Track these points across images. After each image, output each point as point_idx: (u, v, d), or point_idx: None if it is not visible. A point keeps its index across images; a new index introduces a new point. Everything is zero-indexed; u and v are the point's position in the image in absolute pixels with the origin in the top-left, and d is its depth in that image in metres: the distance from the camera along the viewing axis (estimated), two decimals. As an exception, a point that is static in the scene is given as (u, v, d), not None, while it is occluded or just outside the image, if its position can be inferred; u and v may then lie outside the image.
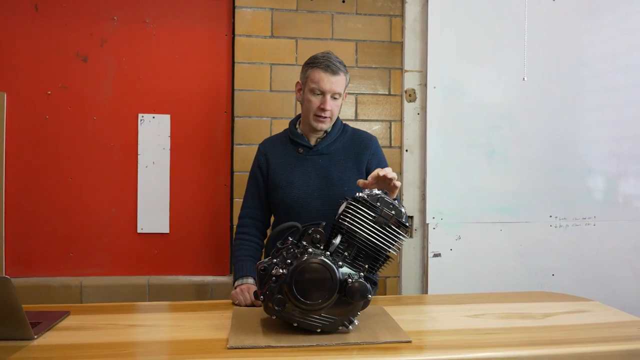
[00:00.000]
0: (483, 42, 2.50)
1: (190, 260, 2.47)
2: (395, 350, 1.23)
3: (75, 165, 2.40)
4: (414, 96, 2.52)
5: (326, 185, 1.79)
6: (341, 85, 1.77)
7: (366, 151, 1.84)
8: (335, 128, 1.85)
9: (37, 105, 2.37)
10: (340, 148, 1.84)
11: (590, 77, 2.59)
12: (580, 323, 1.46)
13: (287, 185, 1.80)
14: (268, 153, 1.87)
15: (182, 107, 2.46)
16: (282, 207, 1.81)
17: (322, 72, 1.75)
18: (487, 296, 1.77)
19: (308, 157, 1.82)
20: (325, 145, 1.83)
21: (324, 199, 1.77)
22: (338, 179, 1.79)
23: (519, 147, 2.53)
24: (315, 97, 1.76)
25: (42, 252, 2.39)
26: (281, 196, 1.81)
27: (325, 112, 1.75)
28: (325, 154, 1.82)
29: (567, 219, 2.56)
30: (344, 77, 1.78)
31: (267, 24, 2.45)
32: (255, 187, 1.88)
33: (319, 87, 1.75)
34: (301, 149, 1.83)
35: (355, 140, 1.86)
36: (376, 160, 1.85)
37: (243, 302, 1.60)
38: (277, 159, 1.85)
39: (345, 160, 1.82)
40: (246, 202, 1.90)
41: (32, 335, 1.24)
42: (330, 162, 1.81)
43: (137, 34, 2.43)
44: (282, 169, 1.83)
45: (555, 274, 2.55)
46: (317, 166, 1.81)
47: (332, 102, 1.76)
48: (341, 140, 1.85)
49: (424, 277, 2.51)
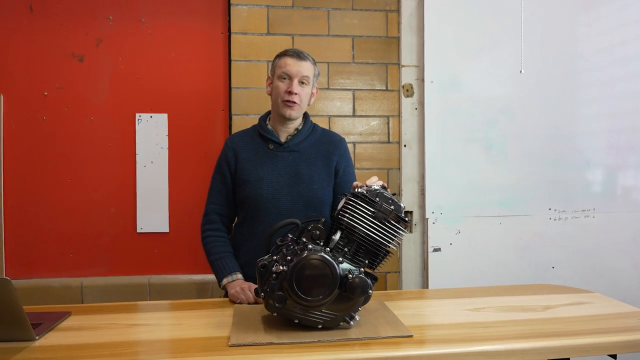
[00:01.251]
0: (480, 35, 2.50)
1: (191, 259, 2.47)
2: (396, 344, 1.23)
3: (74, 165, 2.40)
4: (412, 91, 2.52)
5: (295, 182, 1.78)
6: (309, 71, 1.78)
7: (336, 151, 1.85)
8: (306, 126, 1.86)
9: (34, 107, 2.37)
10: (311, 146, 1.84)
11: (587, 70, 2.59)
12: (581, 315, 1.46)
13: (256, 180, 1.78)
14: (237, 148, 1.85)
15: (180, 105, 2.45)
16: (250, 203, 1.79)
17: (289, 58, 1.77)
18: (487, 290, 1.77)
19: (278, 153, 1.81)
20: (295, 142, 1.82)
21: (293, 195, 1.77)
22: (307, 177, 1.78)
23: (517, 140, 2.53)
24: (283, 82, 1.77)
25: (43, 253, 2.39)
26: (249, 192, 1.78)
27: (293, 95, 1.75)
28: (296, 151, 1.82)
29: (566, 212, 2.56)
30: (311, 66, 1.79)
31: (263, 21, 2.44)
32: (222, 183, 1.85)
33: (287, 71, 1.76)
34: (271, 145, 1.82)
35: (325, 139, 1.87)
36: (344, 161, 1.87)
37: (246, 300, 1.59)
38: (246, 154, 1.83)
39: (315, 159, 1.82)
40: (212, 197, 1.86)
41: (33, 336, 1.24)
42: (300, 159, 1.81)
43: (132, 33, 2.42)
44: (251, 165, 1.81)
45: (555, 267, 2.55)
46: (287, 163, 1.80)
47: (300, 87, 1.76)
48: (311, 139, 1.85)
49: (424, 272, 2.51)
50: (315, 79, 1.85)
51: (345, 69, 2.50)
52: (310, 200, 1.78)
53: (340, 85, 2.50)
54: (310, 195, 1.78)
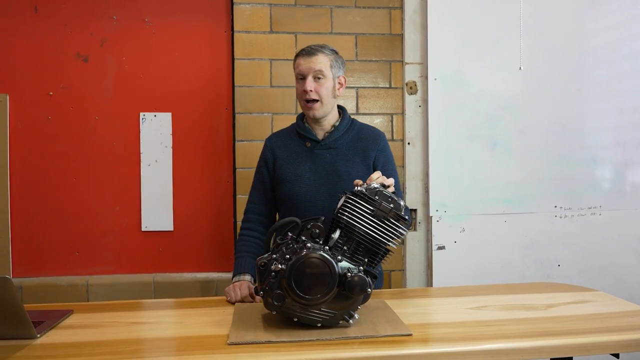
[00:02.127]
0: (484, 32, 2.48)
1: (195, 257, 2.48)
2: (396, 343, 1.23)
3: (79, 165, 2.42)
4: (415, 89, 2.51)
5: (334, 179, 1.77)
6: (321, 64, 1.75)
7: (374, 146, 1.83)
8: (343, 122, 1.84)
9: (39, 106, 2.39)
10: (348, 142, 1.82)
11: (594, 66, 2.56)
12: (583, 313, 1.45)
13: (294, 179, 1.79)
14: (275, 147, 1.86)
15: (183, 104, 2.46)
16: (288, 201, 1.79)
17: (300, 58, 1.78)
18: (489, 288, 1.76)
19: (316, 151, 1.81)
20: (332, 140, 1.81)
21: (332, 193, 1.75)
22: (345, 174, 1.77)
23: (522, 137, 2.51)
24: (299, 83, 1.77)
25: (49, 252, 2.41)
26: (288, 190, 1.79)
27: (308, 93, 1.74)
28: (333, 148, 1.80)
29: (572, 209, 2.54)
30: (324, 57, 1.76)
31: (265, 20, 2.44)
32: (261, 183, 1.87)
33: (299, 71, 1.76)
34: (309, 143, 1.82)
35: (363, 134, 1.84)
36: (383, 156, 1.84)
37: (233, 298, 1.60)
38: (285, 152, 1.83)
39: (353, 155, 1.80)
40: (251, 197, 1.89)
41: (34, 334, 1.25)
42: (337, 156, 1.80)
43: (136, 32, 2.43)
44: (289, 163, 1.81)
45: (561, 265, 2.53)
46: (325, 161, 1.79)
47: (315, 83, 1.74)
48: (349, 135, 1.83)
49: (428, 270, 2.51)
50: (338, 69, 1.80)
51: (348, 66, 2.49)
52: None
53: (344, 83, 2.49)
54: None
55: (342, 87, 1.83)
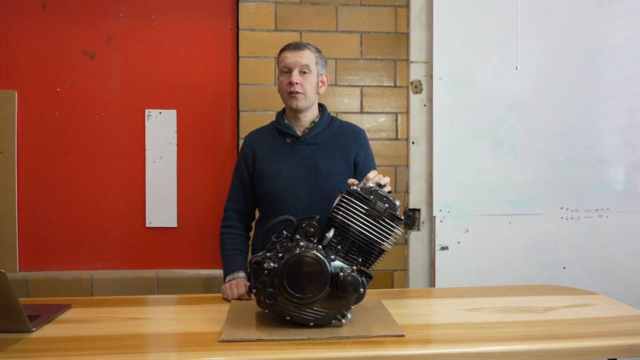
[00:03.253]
0: (490, 31, 2.45)
1: (198, 254, 2.50)
2: (387, 344, 1.22)
3: (85, 161, 2.44)
4: (420, 88, 2.49)
5: (314, 175, 1.77)
6: (307, 59, 1.76)
7: (354, 143, 1.83)
8: (323, 119, 1.84)
9: (47, 103, 2.42)
10: (328, 138, 1.82)
11: (602, 67, 2.51)
12: (581, 317, 1.43)
13: (274, 175, 1.78)
14: (254, 144, 1.86)
15: (188, 102, 2.47)
16: (268, 198, 1.79)
17: (286, 52, 1.79)
18: (488, 290, 1.75)
19: (295, 147, 1.80)
20: (312, 135, 1.81)
21: (312, 189, 1.76)
22: (326, 170, 1.77)
23: (528, 138, 2.48)
24: (284, 76, 1.78)
25: (54, 246, 2.44)
26: (268, 187, 1.79)
27: (293, 85, 1.74)
28: (313, 144, 1.80)
29: (578, 211, 2.50)
30: (311, 54, 1.78)
31: (271, 18, 2.44)
32: (239, 181, 1.87)
33: (285, 64, 1.77)
34: (288, 139, 1.81)
35: (343, 131, 1.85)
36: (363, 153, 1.84)
37: (230, 296, 1.62)
38: (264, 149, 1.83)
39: (334, 151, 1.80)
40: (231, 194, 1.89)
41: (30, 328, 1.26)
42: (317, 152, 1.80)
43: (142, 30, 2.45)
44: (269, 159, 1.81)
45: (566, 267, 2.50)
46: (304, 156, 1.79)
47: (301, 77, 1.75)
48: (329, 131, 1.83)
49: (431, 270, 2.49)
50: (322, 67, 1.82)
51: (353, 65, 2.49)
52: (330, 193, 1.75)
53: (348, 81, 2.49)
54: (329, 188, 1.75)
55: (324, 85, 1.85)
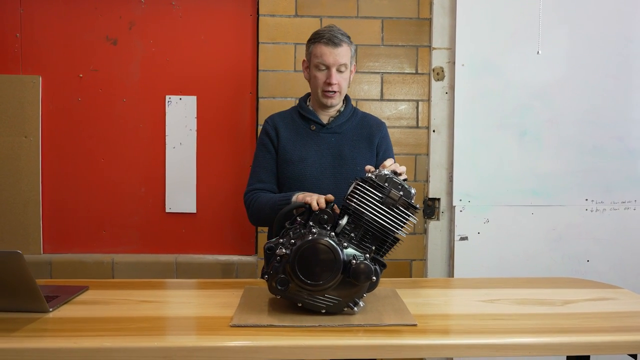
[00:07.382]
0: (515, 17, 2.38)
1: (217, 239, 2.52)
2: (399, 333, 1.21)
3: (107, 146, 2.48)
4: (442, 74, 2.45)
5: (339, 163, 1.77)
6: (345, 57, 1.73)
7: (378, 133, 1.84)
8: (348, 108, 1.84)
9: (70, 88, 2.45)
10: (353, 128, 1.82)
11: (633, 53, 2.42)
12: (602, 311, 1.39)
13: (299, 160, 1.77)
14: (278, 126, 1.82)
15: (208, 88, 2.48)
16: (293, 183, 1.76)
17: (324, 46, 1.72)
18: (506, 281, 1.71)
19: (321, 134, 1.80)
20: (338, 124, 1.81)
21: (337, 177, 1.75)
22: (350, 158, 1.77)
23: (553, 127, 2.41)
24: (320, 72, 1.74)
25: (77, 230, 2.49)
26: (292, 172, 1.77)
27: (332, 86, 1.73)
28: (338, 132, 1.80)
29: (604, 203, 2.43)
30: (347, 48, 1.75)
31: (291, 3, 2.42)
32: (267, 161, 1.79)
33: (323, 61, 1.72)
34: (314, 126, 1.80)
35: (366, 122, 1.85)
36: (385, 144, 1.84)
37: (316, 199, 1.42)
38: (288, 133, 1.81)
39: (358, 141, 1.80)
40: (258, 175, 1.80)
41: (46, 308, 1.29)
42: (343, 141, 1.79)
43: (163, 16, 2.45)
44: (293, 144, 1.79)
45: (590, 260, 2.44)
46: (330, 144, 1.79)
47: (338, 75, 1.73)
48: (353, 121, 1.84)
49: (450, 260, 2.46)
50: (353, 59, 1.81)
51: (374, 51, 2.45)
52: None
53: (369, 68, 2.45)
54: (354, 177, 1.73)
55: (352, 74, 1.83)
